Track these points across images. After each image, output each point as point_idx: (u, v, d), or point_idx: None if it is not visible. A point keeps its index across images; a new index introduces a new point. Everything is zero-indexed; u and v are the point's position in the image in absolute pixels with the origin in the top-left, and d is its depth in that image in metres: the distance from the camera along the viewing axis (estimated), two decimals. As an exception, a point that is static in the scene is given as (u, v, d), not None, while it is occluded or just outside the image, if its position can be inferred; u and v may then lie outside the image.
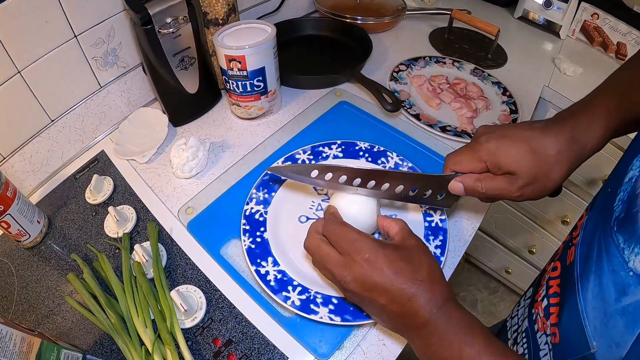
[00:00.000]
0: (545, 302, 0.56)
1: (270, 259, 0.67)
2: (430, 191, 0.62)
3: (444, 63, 1.11)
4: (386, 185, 0.61)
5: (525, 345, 0.59)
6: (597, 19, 1.24)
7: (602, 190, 0.53)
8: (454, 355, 0.46)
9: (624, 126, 0.56)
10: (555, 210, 1.48)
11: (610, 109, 0.55)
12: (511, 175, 0.55)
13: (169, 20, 0.79)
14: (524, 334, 0.60)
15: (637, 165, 0.43)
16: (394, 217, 0.67)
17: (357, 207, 0.61)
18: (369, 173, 0.60)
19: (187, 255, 0.72)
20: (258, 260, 0.67)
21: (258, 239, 0.70)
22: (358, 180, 0.61)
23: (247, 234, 0.70)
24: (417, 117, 0.93)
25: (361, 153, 0.81)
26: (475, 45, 1.22)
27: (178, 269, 0.71)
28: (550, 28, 1.33)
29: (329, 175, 0.60)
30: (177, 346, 0.60)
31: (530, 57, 1.22)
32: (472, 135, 0.89)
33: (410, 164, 0.79)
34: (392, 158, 0.80)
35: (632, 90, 0.56)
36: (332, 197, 0.64)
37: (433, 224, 0.71)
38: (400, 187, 0.61)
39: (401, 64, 1.08)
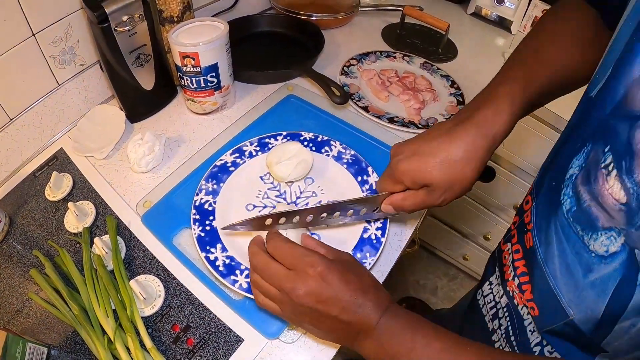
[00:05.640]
0: (517, 281, 0.60)
1: (219, 246, 0.70)
2: (365, 209, 0.67)
3: (394, 57, 1.14)
4: (324, 215, 0.66)
5: (508, 318, 0.63)
6: (548, 15, 1.30)
7: (543, 180, 0.57)
8: (406, 347, 0.50)
9: (529, 107, 0.60)
10: (508, 197, 1.54)
11: (513, 95, 0.57)
12: (428, 187, 0.59)
13: (125, 18, 0.80)
14: (505, 309, 0.64)
15: (577, 164, 0.48)
16: None
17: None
18: (304, 211, 0.64)
19: (145, 247, 0.74)
20: (207, 247, 0.69)
21: (207, 227, 0.72)
22: (297, 218, 0.65)
23: (197, 223, 0.72)
24: (365, 109, 0.97)
25: (305, 143, 0.84)
26: (427, 41, 1.26)
27: (137, 260, 0.73)
28: (502, 24, 1.37)
29: (269, 221, 0.63)
30: (138, 333, 0.62)
31: (481, 51, 1.27)
32: (419, 125, 0.94)
33: (352, 152, 0.83)
34: (335, 147, 0.84)
35: (531, 71, 0.60)
36: None
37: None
38: (337, 213, 0.67)
39: (352, 58, 1.11)
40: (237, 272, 0.67)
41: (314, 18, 1.21)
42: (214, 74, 0.88)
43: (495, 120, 0.56)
